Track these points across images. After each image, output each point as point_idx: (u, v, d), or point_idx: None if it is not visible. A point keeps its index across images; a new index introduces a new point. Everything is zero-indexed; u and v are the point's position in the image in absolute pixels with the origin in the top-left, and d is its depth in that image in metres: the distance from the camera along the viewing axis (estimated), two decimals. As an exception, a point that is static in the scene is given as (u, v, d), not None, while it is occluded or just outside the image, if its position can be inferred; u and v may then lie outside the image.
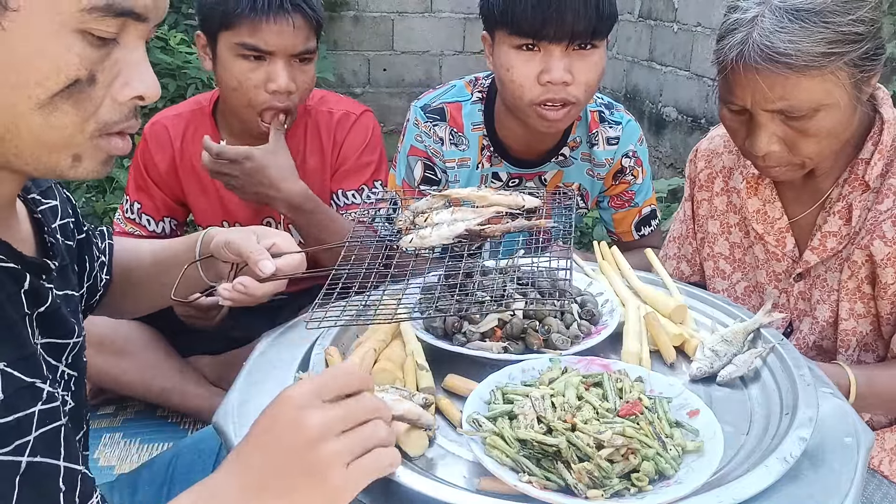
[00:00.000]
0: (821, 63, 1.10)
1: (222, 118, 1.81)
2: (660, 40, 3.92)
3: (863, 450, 0.88)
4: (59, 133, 0.69)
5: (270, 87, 1.61)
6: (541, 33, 1.39)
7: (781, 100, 1.13)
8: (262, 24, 1.57)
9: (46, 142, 0.69)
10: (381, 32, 4.59)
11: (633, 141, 1.72)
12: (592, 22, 1.39)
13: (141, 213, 1.89)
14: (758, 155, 1.21)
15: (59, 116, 0.68)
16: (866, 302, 1.28)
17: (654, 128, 4.05)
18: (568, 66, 1.42)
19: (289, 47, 1.60)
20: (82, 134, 0.70)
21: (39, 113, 0.67)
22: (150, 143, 1.85)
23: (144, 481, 1.25)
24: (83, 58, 0.67)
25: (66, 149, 0.71)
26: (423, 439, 0.87)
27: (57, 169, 0.72)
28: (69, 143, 0.70)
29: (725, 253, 1.48)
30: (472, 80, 1.70)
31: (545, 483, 0.78)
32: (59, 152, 0.70)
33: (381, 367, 1.00)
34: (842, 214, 1.29)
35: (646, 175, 1.76)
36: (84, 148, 0.71)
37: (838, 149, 1.24)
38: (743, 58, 1.13)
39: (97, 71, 0.69)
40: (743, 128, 1.23)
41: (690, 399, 0.90)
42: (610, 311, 1.14)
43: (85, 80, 0.68)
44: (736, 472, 0.83)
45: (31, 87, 0.66)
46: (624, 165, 1.72)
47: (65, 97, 0.68)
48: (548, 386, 0.90)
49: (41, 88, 0.66)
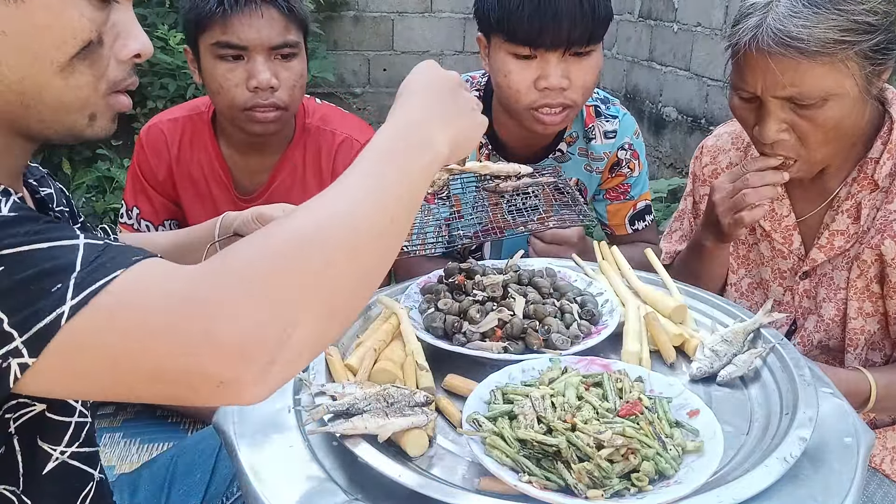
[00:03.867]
0: (832, 50, 1.12)
1: (220, 127, 1.79)
2: (660, 40, 3.92)
3: (863, 450, 0.88)
4: (77, 94, 0.75)
5: (251, 84, 1.57)
6: (537, 42, 1.39)
7: (792, 86, 1.14)
8: (233, 19, 1.54)
9: (66, 103, 0.75)
10: (381, 32, 4.59)
11: (629, 134, 1.72)
12: (589, 28, 1.39)
13: (140, 218, 1.86)
14: (766, 143, 1.22)
15: (77, 77, 0.74)
16: (875, 301, 1.29)
17: (654, 128, 4.05)
18: (565, 72, 1.43)
19: (264, 40, 1.56)
20: (96, 93, 0.76)
21: (60, 76, 0.73)
22: (146, 148, 1.81)
23: (144, 481, 1.25)
24: (93, 20, 0.73)
25: (84, 108, 0.76)
26: (423, 439, 0.87)
27: (75, 129, 0.77)
28: (86, 102, 0.76)
29: (729, 249, 1.48)
30: (468, 80, 1.70)
31: (545, 483, 0.78)
32: (77, 112, 0.76)
33: (381, 367, 1.00)
34: (850, 213, 1.30)
35: (642, 169, 1.75)
36: (98, 106, 0.77)
37: (847, 145, 1.24)
38: (756, 42, 1.15)
39: (103, 32, 0.75)
40: (752, 116, 1.23)
41: (690, 399, 0.90)
42: (610, 311, 1.14)
43: (96, 41, 0.74)
44: (736, 472, 0.83)
45: (51, 52, 0.71)
46: (620, 158, 1.71)
47: (81, 59, 0.73)
48: (548, 386, 0.90)
49: (60, 52, 0.72)
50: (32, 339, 0.58)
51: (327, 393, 0.89)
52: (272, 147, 1.74)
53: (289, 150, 1.75)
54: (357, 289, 0.67)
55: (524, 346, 1.05)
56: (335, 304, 0.64)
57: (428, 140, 0.79)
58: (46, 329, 0.58)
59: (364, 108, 4.58)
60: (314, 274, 0.63)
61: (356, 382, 0.94)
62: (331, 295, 0.64)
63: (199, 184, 1.78)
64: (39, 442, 0.78)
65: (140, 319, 0.59)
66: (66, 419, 0.81)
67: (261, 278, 0.61)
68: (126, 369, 0.60)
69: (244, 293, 0.60)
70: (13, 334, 0.58)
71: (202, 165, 1.79)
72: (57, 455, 0.80)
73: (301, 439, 0.89)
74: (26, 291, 0.59)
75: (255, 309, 0.60)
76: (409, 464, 0.85)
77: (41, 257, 0.60)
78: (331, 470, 0.84)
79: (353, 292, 0.67)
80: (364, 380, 0.97)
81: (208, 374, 0.59)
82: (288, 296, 0.61)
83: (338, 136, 1.78)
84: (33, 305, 0.58)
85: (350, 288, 0.66)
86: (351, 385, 0.91)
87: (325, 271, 0.63)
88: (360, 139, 1.78)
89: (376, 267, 0.69)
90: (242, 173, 1.79)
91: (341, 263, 0.64)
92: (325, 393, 0.90)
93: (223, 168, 1.78)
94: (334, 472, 0.84)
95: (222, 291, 0.60)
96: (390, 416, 0.85)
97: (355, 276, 0.66)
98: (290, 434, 0.90)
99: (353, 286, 0.66)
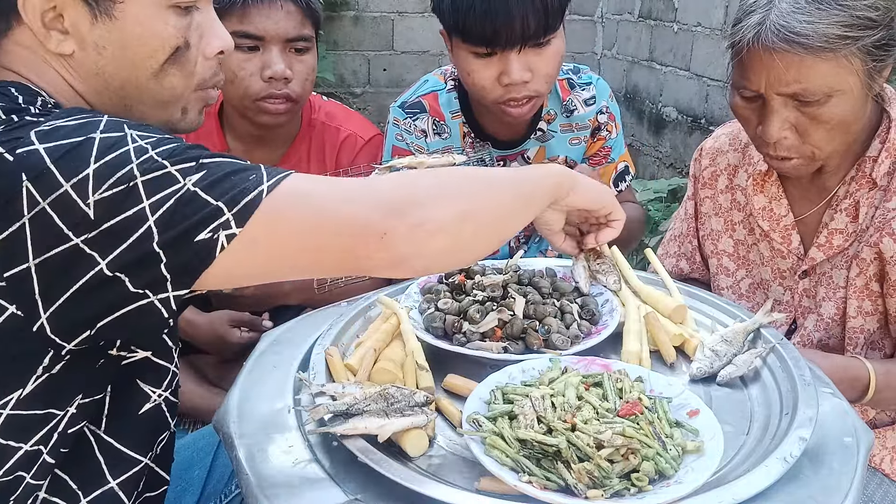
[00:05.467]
0: (835, 46, 1.12)
1: (227, 120, 1.80)
2: (660, 40, 3.92)
3: (863, 450, 0.88)
4: (171, 92, 0.87)
5: (266, 74, 1.59)
6: (493, 42, 1.39)
7: (796, 82, 1.15)
8: (252, 10, 1.57)
9: (162, 101, 0.88)
10: (381, 32, 4.58)
11: (605, 97, 1.72)
12: (542, 22, 1.39)
13: None
14: (769, 142, 1.22)
15: (169, 80, 0.86)
16: (874, 300, 1.29)
17: (654, 128, 4.05)
18: (526, 65, 1.43)
19: (281, 32, 1.59)
20: (188, 89, 0.89)
21: (154, 80, 0.85)
22: None
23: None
24: (178, 28, 0.84)
25: (177, 103, 0.89)
26: (423, 439, 0.87)
27: (170, 122, 0.90)
28: (179, 98, 0.89)
29: (729, 250, 1.48)
30: (444, 72, 1.71)
31: (545, 483, 0.78)
32: (171, 107, 0.89)
33: (381, 367, 1.00)
34: (849, 212, 1.30)
35: (619, 130, 1.75)
36: (189, 101, 0.90)
37: (847, 144, 1.24)
38: (759, 39, 1.15)
39: (189, 37, 0.86)
40: (755, 115, 1.23)
41: (690, 399, 0.90)
42: (610, 311, 1.14)
43: (183, 46, 0.85)
44: (736, 472, 0.83)
45: (146, 61, 0.84)
46: (600, 122, 1.71)
47: (171, 63, 0.85)
48: (548, 386, 0.90)
49: (153, 60, 0.84)
50: (241, 211, 0.71)
51: (327, 393, 0.89)
52: (278, 140, 1.75)
53: (294, 144, 1.76)
54: (485, 227, 0.82)
55: (524, 346, 1.05)
56: (471, 220, 0.79)
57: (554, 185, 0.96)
58: (252, 202, 0.71)
59: (364, 108, 4.58)
60: (459, 196, 0.79)
61: (356, 382, 0.94)
62: (470, 212, 0.79)
63: None
64: (140, 384, 0.87)
65: (320, 192, 0.75)
66: (168, 364, 0.90)
67: (419, 184, 0.79)
68: (313, 230, 0.74)
69: (402, 188, 0.78)
70: (223, 209, 0.71)
71: None
72: (155, 397, 0.89)
73: (301, 439, 0.89)
74: (230, 180, 0.72)
75: (409, 192, 0.77)
76: (409, 464, 0.85)
77: (233, 163, 0.75)
78: (331, 470, 0.84)
79: (486, 225, 0.82)
80: (364, 380, 0.97)
81: (372, 222, 0.73)
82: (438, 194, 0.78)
83: (342, 132, 1.80)
84: (239, 187, 0.72)
85: (484, 222, 0.82)
86: (351, 385, 0.91)
87: (468, 199, 0.80)
88: (364, 136, 1.80)
89: (502, 223, 0.86)
90: None
91: (481, 202, 0.81)
92: (325, 393, 0.90)
93: None
94: (334, 472, 0.84)
95: (383, 183, 0.78)
96: (390, 417, 0.85)
97: (488, 218, 0.82)
98: (290, 434, 0.90)
99: (486, 222, 0.82)
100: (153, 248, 0.69)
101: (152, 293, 0.72)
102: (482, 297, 1.12)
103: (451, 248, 0.77)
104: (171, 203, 0.70)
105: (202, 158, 0.73)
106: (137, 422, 0.87)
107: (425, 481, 0.79)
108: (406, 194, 0.76)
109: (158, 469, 0.94)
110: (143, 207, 0.69)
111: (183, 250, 0.70)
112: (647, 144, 4.08)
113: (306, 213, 0.74)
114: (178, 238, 0.70)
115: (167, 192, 0.70)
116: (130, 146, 0.71)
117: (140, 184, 0.70)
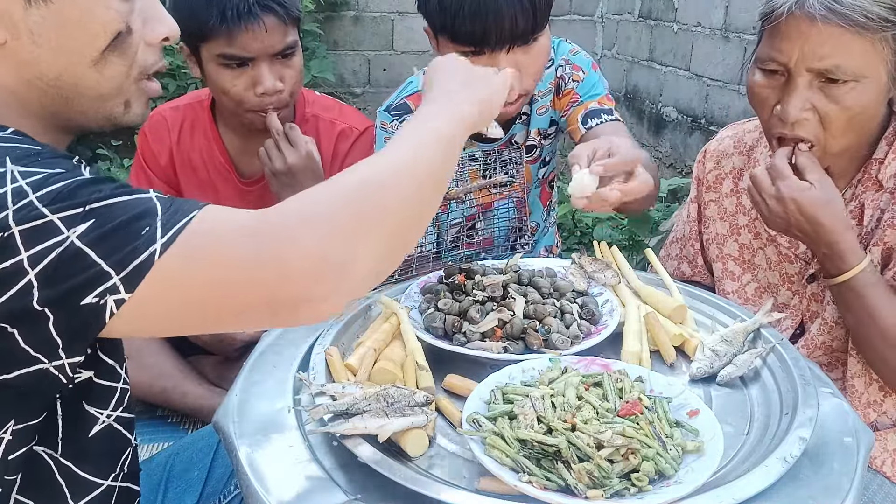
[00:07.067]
0: (876, 26, 1.12)
1: (220, 114, 1.81)
2: (660, 40, 3.92)
3: (863, 450, 0.88)
4: (112, 83, 0.80)
5: (258, 91, 1.61)
6: (482, 43, 1.39)
7: (829, 57, 1.14)
8: (236, 33, 1.56)
9: (102, 93, 0.81)
10: (381, 32, 4.58)
11: (564, 53, 1.68)
12: (530, 21, 1.39)
13: None
14: (788, 121, 1.20)
15: (110, 68, 0.79)
16: None
17: (654, 128, 4.05)
18: (514, 65, 1.42)
19: (268, 49, 1.60)
20: (129, 79, 0.82)
21: (94, 69, 0.78)
22: (148, 134, 1.85)
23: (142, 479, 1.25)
24: (120, 12, 0.78)
25: (119, 96, 0.82)
26: (423, 439, 0.87)
27: (112, 116, 0.83)
28: (120, 90, 0.82)
29: (735, 254, 1.48)
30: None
31: (545, 483, 0.78)
32: (113, 100, 0.82)
33: (381, 367, 1.00)
34: (854, 215, 1.29)
35: (587, 75, 1.68)
36: (131, 93, 0.83)
37: (858, 143, 1.24)
38: (804, 5, 1.14)
39: (131, 21, 0.80)
40: (775, 94, 1.22)
41: (690, 399, 0.90)
42: (610, 311, 1.14)
43: (125, 31, 0.79)
44: (736, 472, 0.83)
45: (84, 48, 0.77)
46: (560, 75, 1.67)
47: (112, 50, 0.78)
48: (548, 386, 0.90)
49: (92, 47, 0.77)
50: (129, 276, 0.65)
51: (327, 393, 0.89)
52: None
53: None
54: (406, 228, 0.77)
55: (524, 346, 1.05)
56: (390, 236, 0.73)
57: (458, 109, 0.90)
58: (142, 265, 0.65)
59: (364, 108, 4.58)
60: (372, 211, 0.72)
61: (356, 382, 0.94)
62: (385, 229, 0.73)
63: (200, 171, 1.81)
64: (86, 406, 0.82)
65: (220, 250, 0.67)
66: (113, 384, 0.85)
67: (325, 213, 0.70)
68: (212, 297, 0.68)
69: (309, 225, 0.69)
70: (111, 273, 0.65)
71: (202, 151, 1.82)
72: (104, 419, 0.84)
73: (301, 439, 0.89)
74: (119, 236, 0.66)
75: (320, 238, 0.68)
76: (409, 464, 0.85)
77: (127, 207, 0.67)
78: (331, 470, 0.84)
79: (405, 228, 0.76)
80: (364, 380, 0.97)
81: (281, 296, 0.67)
82: (350, 226, 0.70)
83: (338, 124, 1.81)
84: (128, 246, 0.65)
85: (402, 225, 0.75)
86: (351, 385, 0.91)
87: (380, 210, 0.72)
88: (359, 128, 1.82)
89: (423, 207, 0.80)
90: (242, 157, 1.82)
91: (392, 203, 0.74)
92: (325, 393, 0.90)
93: (223, 153, 1.82)
94: (334, 472, 0.84)
95: (290, 224, 0.69)
96: (390, 417, 0.85)
97: (405, 215, 0.75)
98: (290, 434, 0.90)
99: (404, 224, 0.76)
100: (34, 306, 0.64)
101: (46, 359, 0.67)
102: (482, 297, 1.12)
103: (376, 278, 0.74)
104: (52, 257, 0.64)
105: (91, 203, 0.66)
106: (91, 444, 0.82)
107: (425, 481, 0.79)
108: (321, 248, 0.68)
109: (127, 484, 0.90)
110: (20, 259, 0.64)
111: (70, 312, 0.65)
112: (647, 144, 4.08)
113: (202, 280, 0.67)
114: (63, 299, 0.65)
115: (48, 244, 0.64)
116: (8, 187, 0.64)
117: (17, 234, 0.64)
